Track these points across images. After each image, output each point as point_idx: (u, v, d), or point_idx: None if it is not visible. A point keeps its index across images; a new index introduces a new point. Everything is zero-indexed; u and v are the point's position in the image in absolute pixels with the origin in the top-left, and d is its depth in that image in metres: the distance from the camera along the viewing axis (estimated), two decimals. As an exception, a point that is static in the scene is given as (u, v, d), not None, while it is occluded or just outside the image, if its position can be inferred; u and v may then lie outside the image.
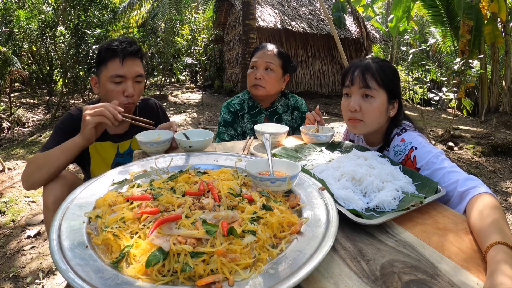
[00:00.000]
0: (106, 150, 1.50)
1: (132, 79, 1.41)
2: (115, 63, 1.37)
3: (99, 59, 1.41)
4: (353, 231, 0.74)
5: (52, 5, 6.89)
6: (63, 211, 0.72)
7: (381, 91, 1.17)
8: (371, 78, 1.16)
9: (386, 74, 1.18)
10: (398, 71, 5.86)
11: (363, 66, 1.19)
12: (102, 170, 1.45)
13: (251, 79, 1.74)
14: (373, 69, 1.18)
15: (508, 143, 4.59)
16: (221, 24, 11.81)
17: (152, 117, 1.43)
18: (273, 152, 1.17)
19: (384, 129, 1.25)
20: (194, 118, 6.94)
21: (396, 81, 1.21)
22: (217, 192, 0.76)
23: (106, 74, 1.38)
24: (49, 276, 1.90)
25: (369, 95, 1.17)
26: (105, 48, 1.39)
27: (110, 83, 1.38)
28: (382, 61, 1.23)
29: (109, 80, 1.38)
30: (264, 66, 1.71)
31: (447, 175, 0.95)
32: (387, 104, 1.19)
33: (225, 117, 1.80)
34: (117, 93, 1.39)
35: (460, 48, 7.32)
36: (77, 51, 6.88)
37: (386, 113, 1.21)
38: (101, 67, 1.40)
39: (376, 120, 1.19)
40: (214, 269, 0.55)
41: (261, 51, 1.74)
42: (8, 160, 3.69)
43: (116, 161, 1.51)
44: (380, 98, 1.17)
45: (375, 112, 1.17)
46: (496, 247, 0.63)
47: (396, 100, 1.21)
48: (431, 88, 10.03)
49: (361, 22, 9.61)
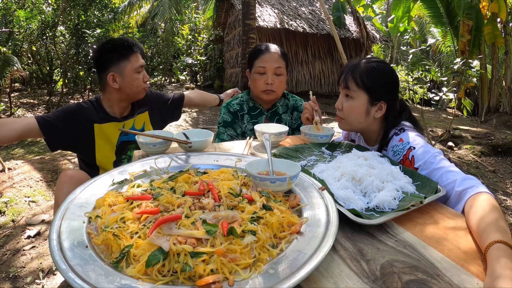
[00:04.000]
0: (111, 130, 1.63)
1: (144, 67, 1.68)
2: (136, 56, 1.61)
3: (115, 57, 1.58)
4: (353, 231, 0.74)
5: (52, 5, 6.89)
6: (63, 211, 0.72)
7: (360, 92, 1.20)
8: (351, 79, 1.20)
9: (371, 76, 1.18)
10: (398, 71, 5.80)
11: (350, 67, 1.23)
12: (107, 151, 1.62)
13: (260, 85, 1.70)
14: (358, 70, 1.20)
15: (508, 143, 4.59)
16: (221, 24, 11.80)
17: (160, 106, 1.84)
18: (273, 152, 1.17)
19: (378, 129, 1.26)
20: (194, 118, 6.94)
21: (382, 84, 1.20)
22: (217, 192, 0.76)
23: (132, 66, 1.59)
24: (49, 276, 1.90)
25: (349, 95, 1.22)
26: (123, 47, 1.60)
27: (135, 74, 1.61)
28: (374, 62, 1.22)
29: (134, 71, 1.60)
30: (274, 71, 1.69)
31: (445, 175, 0.95)
32: (367, 105, 1.20)
33: (225, 117, 1.80)
34: (140, 80, 1.63)
35: (460, 48, 7.32)
36: (77, 51, 6.88)
37: (367, 114, 1.22)
38: (122, 63, 1.58)
39: (355, 120, 1.24)
40: (214, 269, 0.55)
41: (267, 54, 1.70)
42: (8, 160, 3.69)
43: (121, 140, 1.66)
44: (359, 99, 1.20)
45: (353, 113, 1.23)
46: (495, 246, 0.63)
47: (381, 102, 1.20)
48: (431, 88, 10.02)
49: (361, 22, 9.60)
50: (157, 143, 1.16)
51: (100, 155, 1.61)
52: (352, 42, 9.94)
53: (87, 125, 1.56)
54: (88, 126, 1.57)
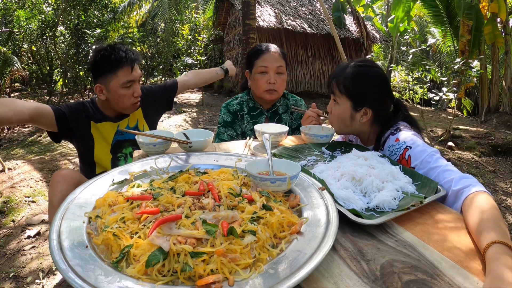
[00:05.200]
0: (106, 129, 1.63)
1: (138, 81, 1.58)
2: (124, 71, 1.50)
3: (104, 68, 1.50)
4: (353, 231, 0.74)
5: (52, 5, 6.89)
6: (63, 211, 0.72)
7: (343, 98, 1.21)
8: (335, 85, 1.22)
9: (354, 83, 1.18)
10: (398, 71, 5.79)
11: (337, 72, 1.24)
12: (104, 149, 1.63)
13: (262, 84, 1.70)
14: (343, 76, 1.20)
15: (508, 143, 4.59)
16: (221, 24, 11.80)
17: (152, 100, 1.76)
18: (273, 152, 1.17)
19: (368, 131, 1.26)
20: (194, 118, 6.94)
21: (366, 90, 1.19)
22: (217, 192, 0.76)
23: (118, 82, 1.50)
24: (49, 276, 1.90)
25: (335, 100, 1.25)
26: (111, 59, 1.48)
27: (122, 89, 1.52)
28: (360, 67, 1.21)
29: (121, 87, 1.51)
30: (275, 70, 1.70)
31: (442, 174, 0.95)
32: (351, 111, 1.21)
33: (225, 117, 1.80)
34: (128, 96, 1.55)
35: (460, 48, 7.32)
36: (77, 51, 6.88)
37: (352, 119, 1.22)
38: (109, 76, 1.50)
39: (340, 125, 1.26)
40: (214, 269, 0.55)
41: (268, 54, 1.71)
42: (8, 160, 3.69)
43: (116, 139, 1.66)
44: (343, 105, 1.22)
45: (337, 117, 1.26)
46: (494, 246, 0.63)
47: (364, 108, 1.19)
48: (431, 88, 10.02)
49: (361, 22, 9.60)
50: (157, 143, 1.16)
51: (98, 151, 1.63)
52: (352, 42, 9.93)
53: (86, 120, 1.60)
54: (87, 122, 1.60)
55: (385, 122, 1.22)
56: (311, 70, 9.71)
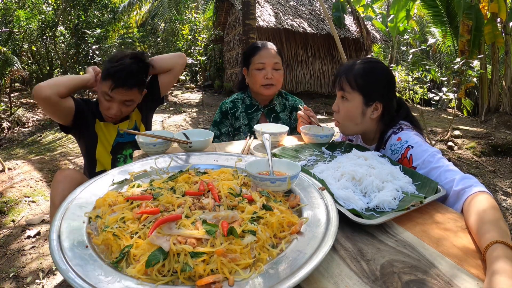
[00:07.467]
0: (109, 130, 1.65)
1: (119, 102, 1.52)
2: (107, 83, 1.47)
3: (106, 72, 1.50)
4: (353, 231, 0.74)
5: (52, 5, 6.90)
6: (63, 211, 0.72)
7: (355, 94, 1.20)
8: (346, 81, 1.21)
9: (365, 77, 1.19)
10: (398, 71, 5.81)
11: (345, 69, 1.23)
12: (105, 149, 1.64)
13: (259, 79, 1.74)
14: (353, 72, 1.20)
15: (508, 143, 4.59)
16: (221, 24, 11.80)
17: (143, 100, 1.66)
18: (273, 152, 1.17)
19: (375, 129, 1.26)
20: (194, 118, 6.94)
21: (377, 84, 1.20)
22: (217, 192, 0.76)
23: (102, 88, 1.51)
24: (49, 276, 1.90)
25: (345, 97, 1.22)
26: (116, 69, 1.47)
27: (102, 96, 1.51)
28: (368, 63, 1.22)
29: (101, 94, 1.51)
30: (272, 66, 1.74)
31: (443, 174, 0.95)
32: (362, 106, 1.20)
33: (216, 117, 1.86)
34: (104, 106, 1.53)
35: (460, 48, 7.32)
36: (77, 51, 6.88)
37: (363, 116, 1.22)
38: (104, 80, 1.50)
39: (349, 123, 1.24)
40: (214, 269, 0.55)
41: (265, 51, 1.75)
42: (8, 160, 3.69)
43: (117, 141, 1.67)
44: (354, 101, 1.20)
45: (346, 115, 1.23)
46: (494, 247, 0.63)
47: (376, 102, 1.20)
48: (431, 88, 10.02)
49: (361, 22, 9.59)
50: (157, 143, 1.16)
51: (99, 149, 1.64)
52: (352, 42, 9.93)
53: (93, 116, 1.63)
54: (93, 118, 1.63)
55: (389, 120, 1.23)
56: (311, 70, 9.71)
